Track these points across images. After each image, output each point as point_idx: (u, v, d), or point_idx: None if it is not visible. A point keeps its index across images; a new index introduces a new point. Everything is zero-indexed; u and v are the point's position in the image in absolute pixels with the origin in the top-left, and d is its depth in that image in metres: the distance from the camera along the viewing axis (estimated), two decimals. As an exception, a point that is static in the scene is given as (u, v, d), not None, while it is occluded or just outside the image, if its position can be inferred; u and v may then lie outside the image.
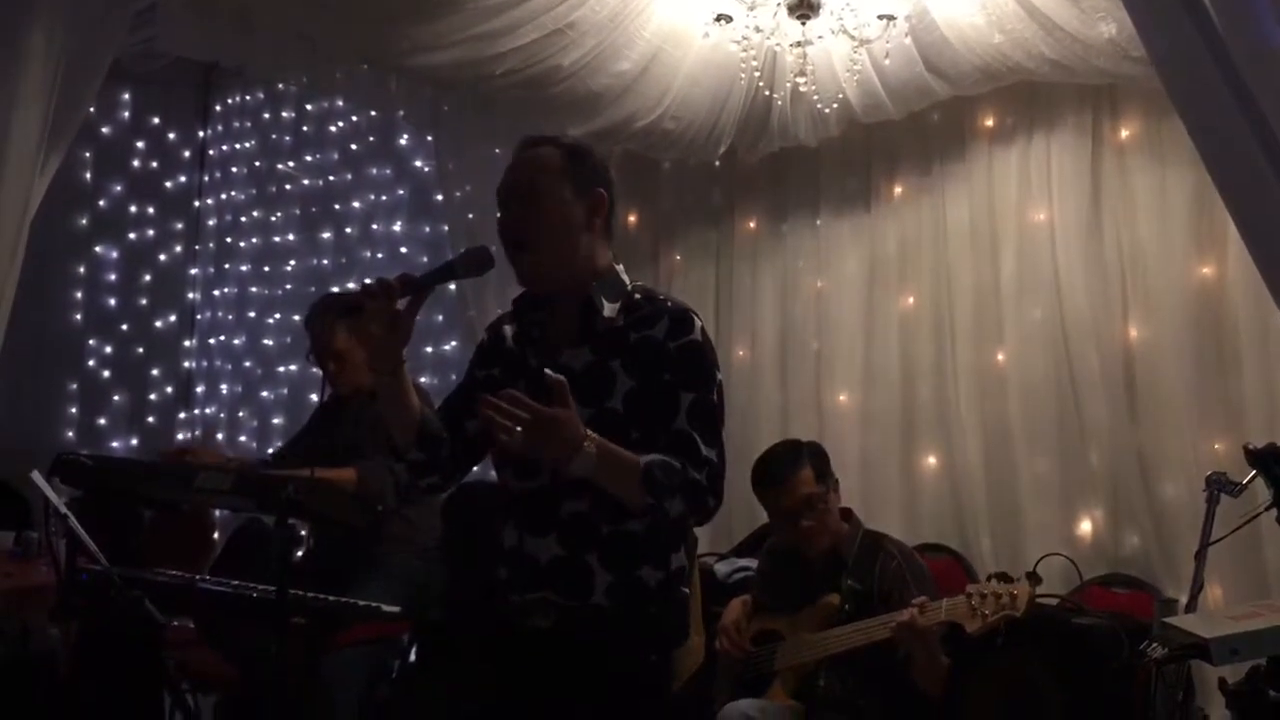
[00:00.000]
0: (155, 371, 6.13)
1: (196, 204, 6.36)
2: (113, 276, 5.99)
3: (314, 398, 4.17)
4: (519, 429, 1.99)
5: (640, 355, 2.20)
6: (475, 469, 2.50)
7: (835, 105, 4.42)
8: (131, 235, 6.05)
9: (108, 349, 5.95)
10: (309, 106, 6.04)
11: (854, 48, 3.94)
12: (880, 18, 3.83)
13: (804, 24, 3.81)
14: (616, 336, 2.22)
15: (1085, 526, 4.29)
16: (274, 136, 6.19)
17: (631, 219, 5.60)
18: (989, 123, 4.66)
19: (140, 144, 6.07)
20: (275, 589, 2.78)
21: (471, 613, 3.73)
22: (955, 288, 4.67)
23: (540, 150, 2.29)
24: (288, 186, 6.17)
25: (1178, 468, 4.03)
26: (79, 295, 5.85)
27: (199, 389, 6.33)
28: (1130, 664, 3.24)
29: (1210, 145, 2.13)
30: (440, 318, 5.49)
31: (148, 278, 6.11)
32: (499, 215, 2.29)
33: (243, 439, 6.14)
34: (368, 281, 2.14)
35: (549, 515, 2.21)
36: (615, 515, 2.17)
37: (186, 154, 6.29)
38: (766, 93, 4.43)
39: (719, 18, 3.90)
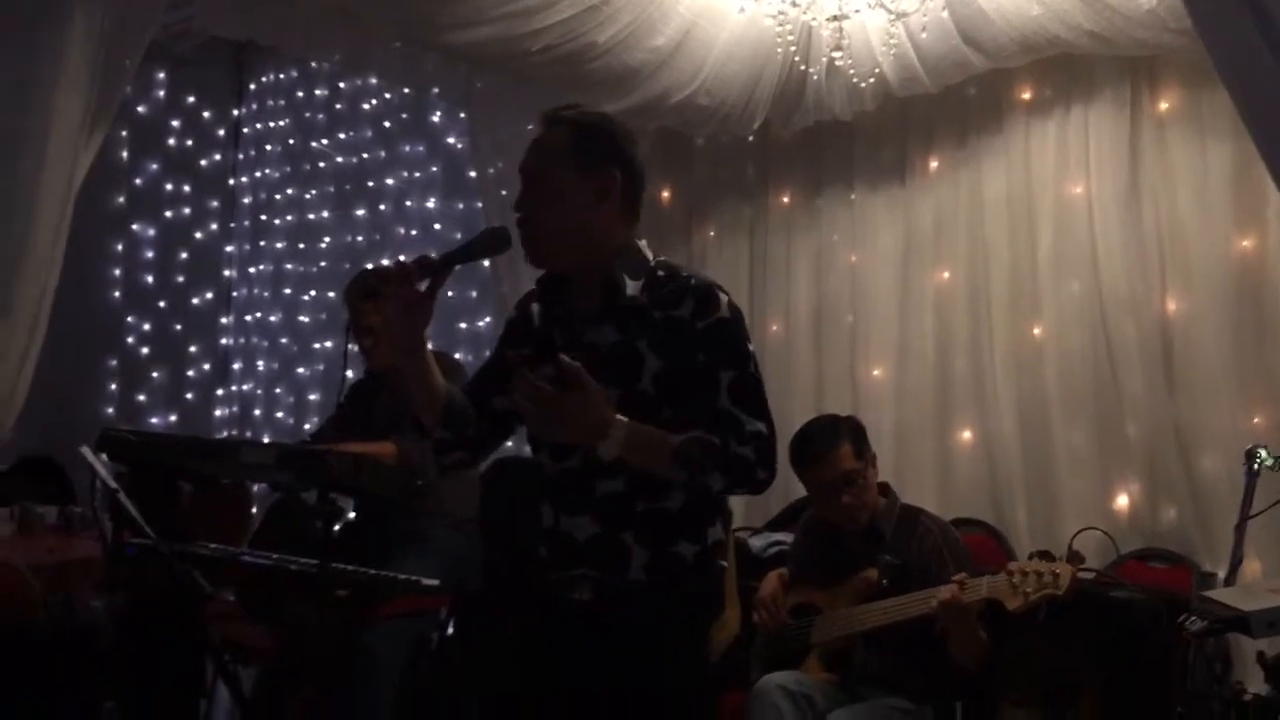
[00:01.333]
0: (193, 348, 6.22)
1: (231, 182, 6.43)
2: (150, 254, 6.08)
3: (350, 374, 4.23)
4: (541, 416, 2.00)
5: (667, 335, 2.19)
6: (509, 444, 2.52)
7: (871, 80, 4.38)
8: (168, 213, 6.13)
9: (146, 326, 6.04)
10: (342, 84, 6.08)
11: (890, 21, 3.91)
12: (917, -10, 3.81)
13: (840, -3, 3.79)
14: (641, 314, 2.22)
15: (1122, 500, 4.27)
16: (307, 114, 6.24)
17: (665, 194, 5.59)
18: (1026, 95, 4.62)
19: (175, 123, 6.14)
20: (317, 562, 2.82)
21: (509, 586, 3.77)
22: (992, 262, 4.64)
23: (550, 131, 2.29)
24: (321, 164, 6.21)
25: (1216, 441, 4.00)
26: (117, 273, 5.94)
27: (236, 366, 6.41)
28: (1168, 638, 3.23)
29: (1256, 115, 2.11)
30: (474, 294, 5.52)
31: (184, 255, 6.19)
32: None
33: (279, 415, 6.21)
34: (385, 263, 2.15)
35: (584, 495, 2.22)
36: (651, 493, 2.18)
37: (221, 132, 6.36)
38: (802, 68, 4.40)
39: (754, -8, 3.88)
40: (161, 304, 6.09)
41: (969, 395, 4.69)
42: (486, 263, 4.63)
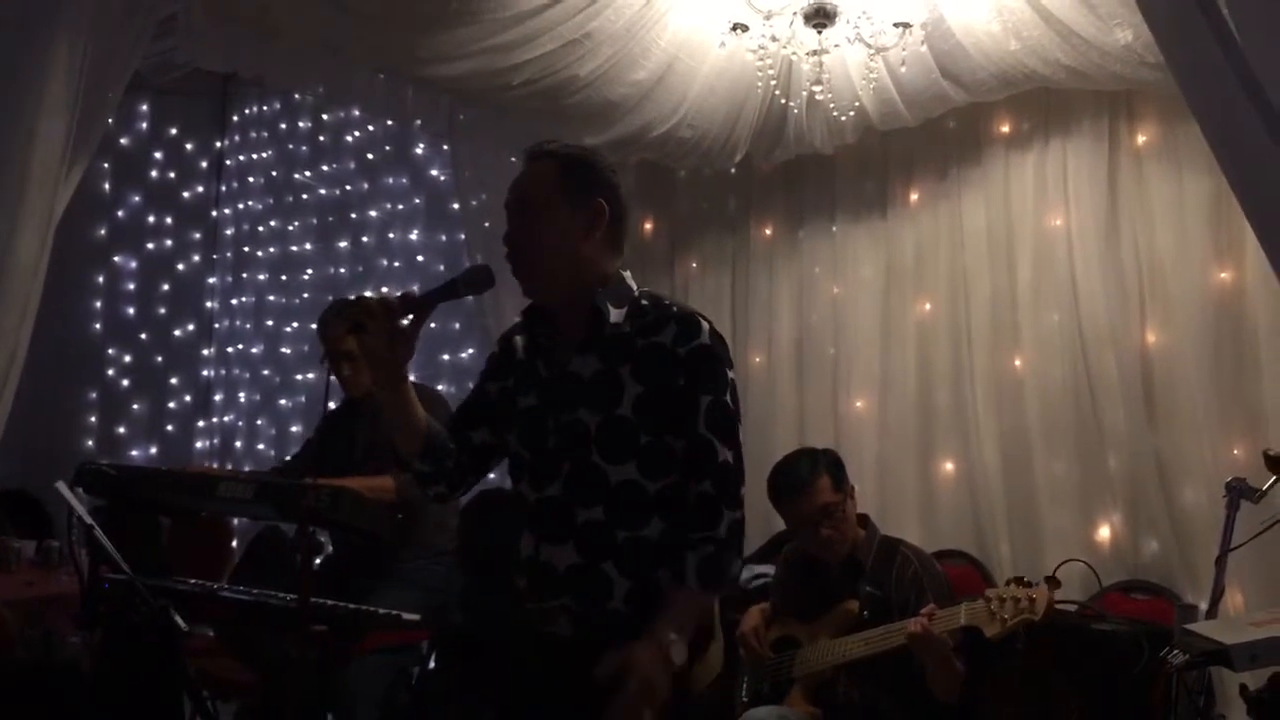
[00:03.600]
0: (174, 380, 6.19)
1: (214, 214, 6.42)
2: (131, 286, 6.06)
3: (333, 405, 4.22)
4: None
5: (648, 361, 2.21)
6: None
7: (851, 113, 4.42)
8: (150, 245, 6.12)
9: (127, 358, 6.01)
10: (325, 116, 6.09)
11: (870, 56, 3.94)
12: (896, 26, 3.83)
13: (820, 33, 3.81)
14: (624, 343, 2.23)
15: (1104, 532, 4.28)
16: (291, 146, 6.24)
17: (648, 226, 5.61)
18: (1005, 129, 4.66)
19: (158, 154, 6.14)
20: (297, 597, 2.80)
21: (489, 619, 3.75)
22: (972, 293, 4.67)
23: (536, 164, 2.31)
24: (304, 196, 6.21)
25: (1197, 473, 4.02)
26: (98, 305, 5.92)
27: (217, 397, 6.37)
28: (1151, 670, 3.23)
29: (1228, 152, 2.13)
30: (457, 325, 5.52)
31: (166, 287, 6.17)
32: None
33: (261, 447, 6.18)
34: (368, 295, 2.17)
35: (565, 523, 2.22)
36: (631, 522, 2.19)
37: (204, 164, 6.35)
38: (783, 101, 4.43)
39: (735, 27, 3.90)
40: (143, 336, 6.07)
41: (951, 426, 4.70)
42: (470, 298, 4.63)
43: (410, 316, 2.18)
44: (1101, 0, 3.55)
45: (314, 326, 5.66)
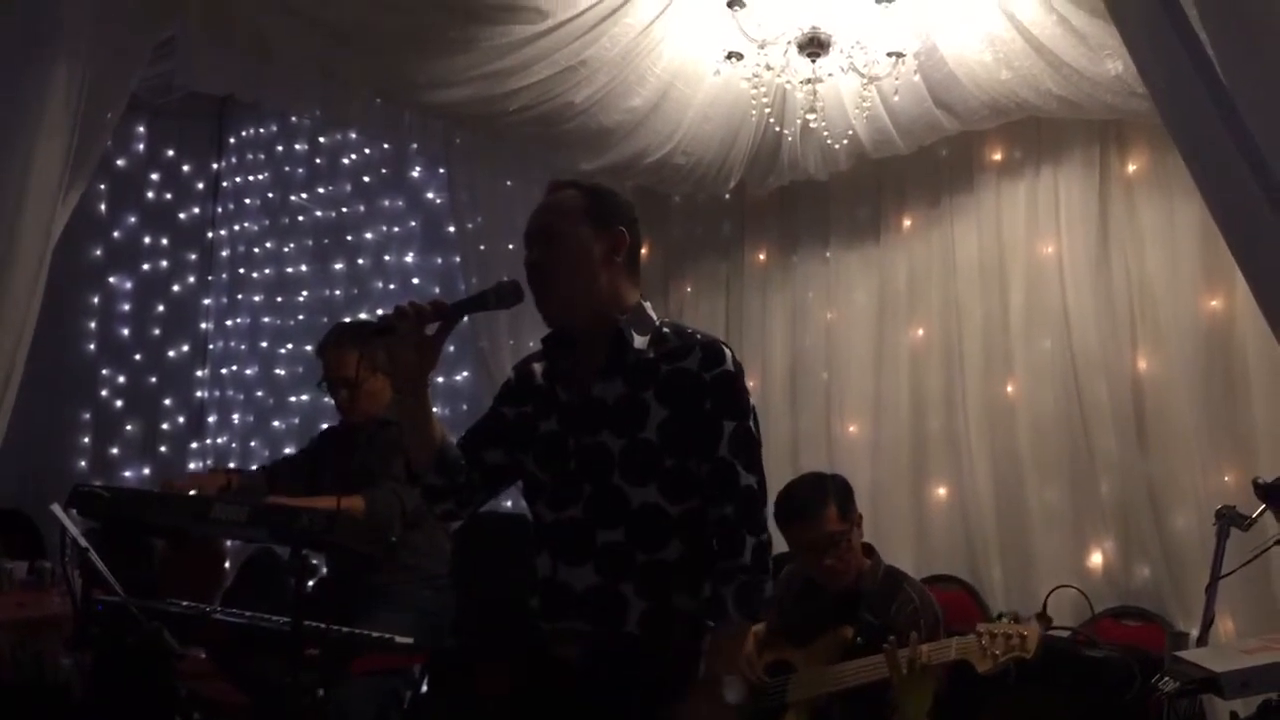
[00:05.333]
0: (168, 401, 6.19)
1: (210, 235, 6.43)
2: (126, 307, 6.06)
3: (325, 427, 4.24)
4: None
5: (674, 386, 2.24)
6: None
7: (845, 141, 4.45)
8: (145, 266, 6.13)
9: (121, 379, 6.01)
10: (322, 139, 6.12)
11: (863, 84, 3.97)
12: (889, 55, 3.87)
13: (814, 62, 3.84)
14: (648, 368, 2.26)
15: (1096, 558, 4.30)
16: (287, 168, 6.27)
17: (643, 251, 5.61)
18: (997, 157, 4.70)
19: (155, 176, 6.16)
20: (289, 620, 2.79)
21: (484, 641, 3.74)
22: (965, 319, 4.69)
23: (563, 193, 2.36)
24: (300, 218, 6.23)
25: (1188, 499, 4.03)
26: (93, 325, 5.92)
27: (211, 419, 6.37)
28: (1142, 697, 3.23)
29: (1210, 184, 2.15)
30: (452, 349, 5.52)
31: (161, 308, 6.18)
32: (526, 255, 2.35)
33: (254, 468, 6.16)
34: (401, 305, 2.19)
35: (585, 544, 2.24)
36: (651, 544, 2.22)
37: (200, 185, 6.37)
38: (777, 129, 4.47)
39: (730, 55, 3.93)
40: (137, 356, 6.07)
41: (943, 452, 4.72)
42: (466, 319, 4.65)
43: (438, 324, 2.21)
44: (1092, 31, 3.59)
45: (309, 348, 5.71)
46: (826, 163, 4.78)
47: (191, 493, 3.56)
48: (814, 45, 3.80)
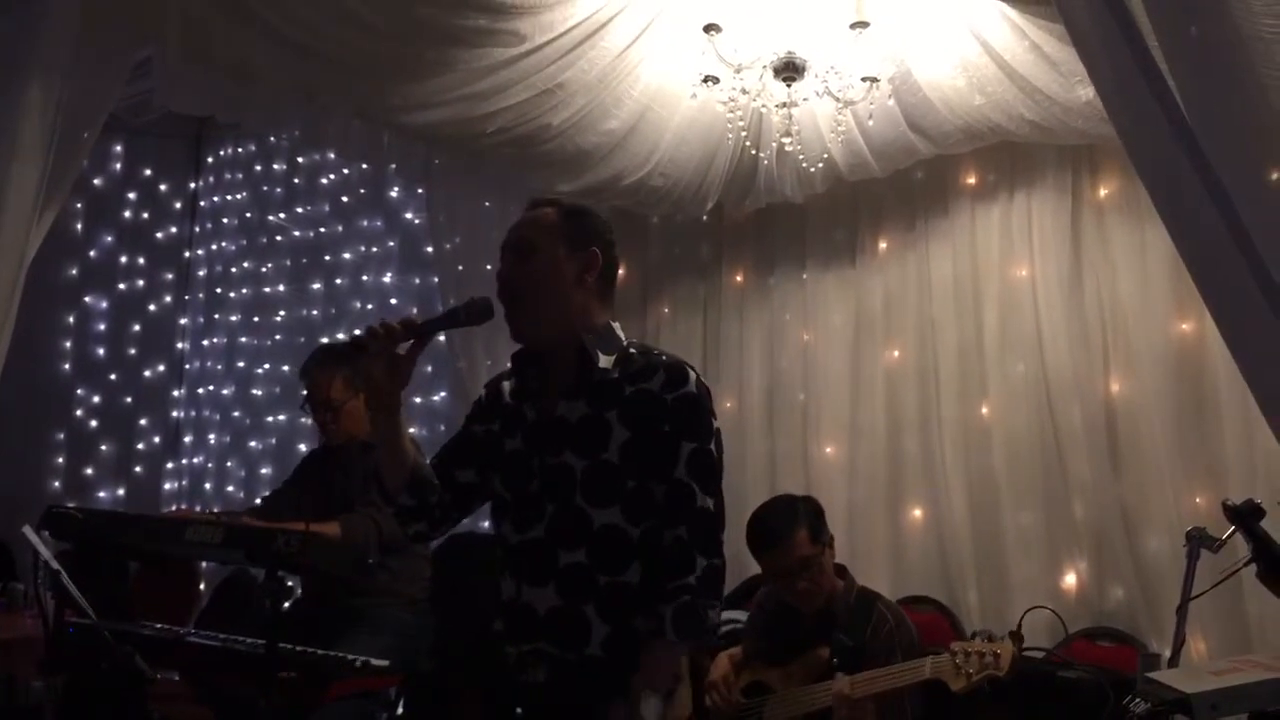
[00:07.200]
0: (143, 421, 6.14)
1: (187, 254, 6.40)
2: (102, 326, 6.02)
3: (303, 448, 4.21)
4: None
5: (636, 407, 2.25)
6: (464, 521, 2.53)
7: (821, 164, 4.49)
8: (121, 285, 6.09)
9: (96, 399, 5.96)
10: (300, 159, 6.10)
11: (839, 109, 4.01)
12: (864, 80, 3.90)
13: (789, 86, 3.87)
14: (612, 389, 2.27)
15: (1070, 579, 4.32)
16: (265, 188, 6.25)
17: (620, 272, 5.61)
18: (971, 180, 4.74)
19: (132, 195, 6.12)
20: (264, 643, 2.78)
21: (462, 665, 3.73)
22: (940, 342, 4.72)
23: (541, 210, 2.38)
24: (278, 238, 6.21)
25: (1160, 521, 4.07)
26: (68, 345, 5.88)
27: (187, 439, 6.33)
28: (1115, 717, 3.25)
29: (1174, 215, 2.19)
30: (429, 368, 5.52)
31: (137, 328, 6.14)
32: (499, 268, 2.36)
33: (230, 489, 6.13)
34: (372, 325, 2.20)
35: (547, 566, 2.24)
36: (613, 566, 2.21)
37: (178, 205, 6.34)
38: (753, 152, 4.51)
39: (706, 79, 3.96)
40: (112, 376, 6.03)
41: (919, 473, 4.74)
42: (442, 337, 4.65)
43: (410, 342, 2.22)
44: (1063, 58, 3.64)
45: (286, 369, 5.69)
46: (803, 185, 4.82)
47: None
48: (789, 70, 3.84)
